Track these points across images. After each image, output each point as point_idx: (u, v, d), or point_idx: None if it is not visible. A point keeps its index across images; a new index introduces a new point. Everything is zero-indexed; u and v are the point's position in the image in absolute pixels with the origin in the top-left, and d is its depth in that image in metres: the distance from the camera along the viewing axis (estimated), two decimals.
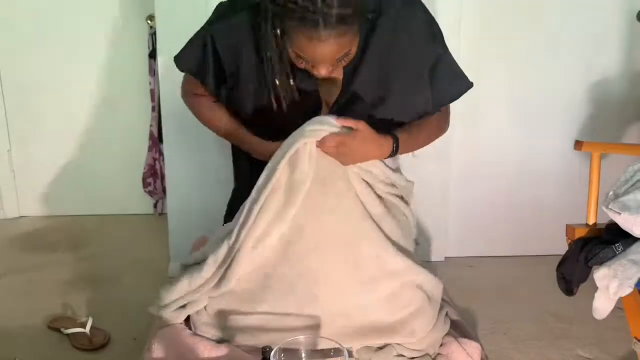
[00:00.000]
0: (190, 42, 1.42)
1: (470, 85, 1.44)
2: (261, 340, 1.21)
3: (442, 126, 1.49)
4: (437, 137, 1.48)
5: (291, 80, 1.28)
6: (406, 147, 1.33)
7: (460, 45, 2.08)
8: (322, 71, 1.21)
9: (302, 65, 1.23)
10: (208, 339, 1.30)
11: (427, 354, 1.29)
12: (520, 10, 2.12)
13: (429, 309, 1.29)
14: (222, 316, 1.31)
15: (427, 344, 1.30)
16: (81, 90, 2.67)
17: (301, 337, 1.06)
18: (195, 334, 1.32)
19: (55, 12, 2.58)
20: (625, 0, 2.13)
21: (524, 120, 2.23)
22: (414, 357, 1.28)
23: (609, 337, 1.78)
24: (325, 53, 1.16)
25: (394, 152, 1.29)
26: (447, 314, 1.44)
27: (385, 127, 1.32)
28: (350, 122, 1.22)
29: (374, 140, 1.24)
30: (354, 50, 1.24)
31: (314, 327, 1.25)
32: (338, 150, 1.22)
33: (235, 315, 1.29)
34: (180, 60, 1.45)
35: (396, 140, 1.29)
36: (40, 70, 2.64)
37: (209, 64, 1.38)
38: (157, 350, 1.27)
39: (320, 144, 1.22)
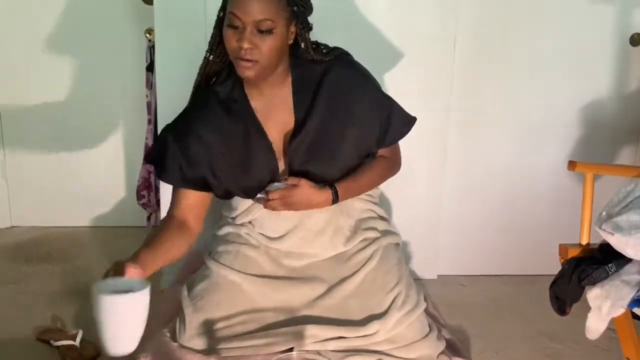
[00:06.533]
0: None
1: (414, 119, 1.61)
2: (247, 350, 1.30)
3: (392, 167, 1.63)
4: (386, 177, 1.62)
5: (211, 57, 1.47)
6: (349, 193, 1.50)
7: (455, 66, 2.10)
8: (245, 43, 1.32)
9: (230, 43, 1.35)
10: (196, 351, 1.30)
11: None
12: (515, 32, 2.15)
13: (397, 313, 1.37)
14: (206, 326, 1.33)
15: (419, 356, 1.31)
16: (77, 101, 2.67)
17: (293, 354, 1.07)
18: (182, 347, 1.32)
19: (53, 23, 2.59)
20: (618, 25, 2.17)
21: (517, 139, 2.24)
22: None
23: (601, 358, 1.78)
24: (250, 6, 1.30)
25: (336, 200, 1.48)
26: (440, 332, 1.45)
27: (337, 168, 1.50)
28: (294, 180, 1.44)
29: (313, 192, 1.44)
30: (277, 28, 1.34)
31: (296, 331, 1.32)
32: (283, 201, 1.43)
33: (219, 324, 1.32)
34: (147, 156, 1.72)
35: (335, 190, 1.47)
36: (35, 80, 2.64)
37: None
38: None
39: (265, 201, 1.44)
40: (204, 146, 1.46)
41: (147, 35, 2.53)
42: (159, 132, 2.04)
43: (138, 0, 2.47)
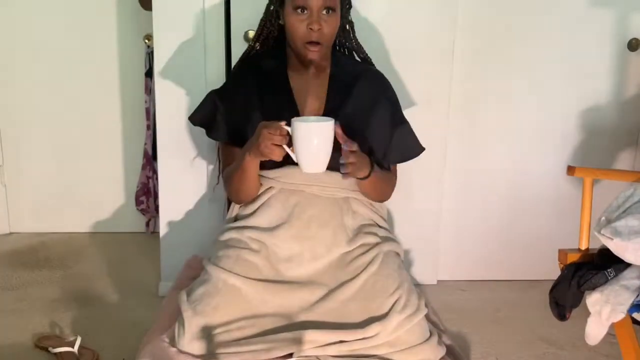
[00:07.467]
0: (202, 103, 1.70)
1: (422, 149, 1.68)
2: (246, 355, 1.30)
3: (393, 187, 1.67)
4: (388, 194, 1.65)
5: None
6: (375, 179, 1.48)
7: (454, 72, 2.11)
8: (315, 25, 1.44)
9: (299, 28, 1.46)
10: (194, 356, 1.30)
11: None
12: (513, 37, 2.15)
13: (397, 316, 1.37)
14: (205, 331, 1.33)
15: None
16: (75, 107, 2.68)
17: None
18: (181, 352, 1.32)
19: (51, 29, 2.60)
20: (616, 30, 2.17)
21: (516, 145, 2.24)
22: None
23: None
24: None
25: (368, 175, 1.44)
26: (441, 338, 1.45)
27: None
28: (353, 145, 1.35)
29: (365, 156, 1.42)
30: (337, 5, 1.48)
31: (295, 337, 1.31)
32: (357, 166, 1.37)
33: (218, 329, 1.31)
34: (193, 117, 1.71)
35: (372, 165, 1.46)
36: (34, 86, 2.65)
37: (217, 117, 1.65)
38: None
39: (346, 141, 1.35)
40: (246, 107, 1.58)
41: (146, 41, 2.54)
42: (158, 137, 2.04)
43: (137, 6, 2.48)
